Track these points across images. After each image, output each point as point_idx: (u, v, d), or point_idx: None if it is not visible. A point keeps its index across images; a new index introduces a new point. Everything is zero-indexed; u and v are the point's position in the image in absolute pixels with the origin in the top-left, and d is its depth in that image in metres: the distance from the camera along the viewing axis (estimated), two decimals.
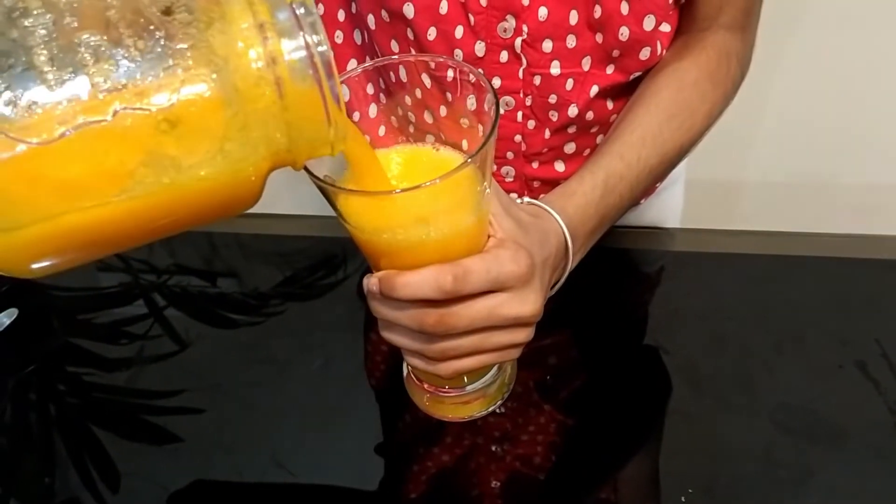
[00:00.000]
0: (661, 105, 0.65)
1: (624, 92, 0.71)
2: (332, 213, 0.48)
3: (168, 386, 0.70)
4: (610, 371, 0.68)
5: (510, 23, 0.65)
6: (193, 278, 0.82)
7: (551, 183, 0.62)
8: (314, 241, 0.85)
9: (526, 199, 0.58)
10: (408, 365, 0.62)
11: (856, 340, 0.68)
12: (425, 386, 0.61)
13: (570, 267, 0.59)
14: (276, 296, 0.79)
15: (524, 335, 0.52)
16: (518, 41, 0.66)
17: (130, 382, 0.71)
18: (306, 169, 0.42)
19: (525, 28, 0.65)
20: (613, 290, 0.76)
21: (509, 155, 0.74)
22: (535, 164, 0.75)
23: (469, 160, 0.43)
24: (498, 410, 0.64)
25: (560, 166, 0.76)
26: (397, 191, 0.44)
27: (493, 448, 0.62)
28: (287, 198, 1.03)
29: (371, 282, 0.49)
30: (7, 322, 0.72)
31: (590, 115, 0.71)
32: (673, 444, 0.62)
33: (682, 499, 0.58)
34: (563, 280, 0.59)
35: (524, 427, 0.63)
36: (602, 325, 0.72)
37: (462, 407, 0.61)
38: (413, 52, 0.68)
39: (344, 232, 0.49)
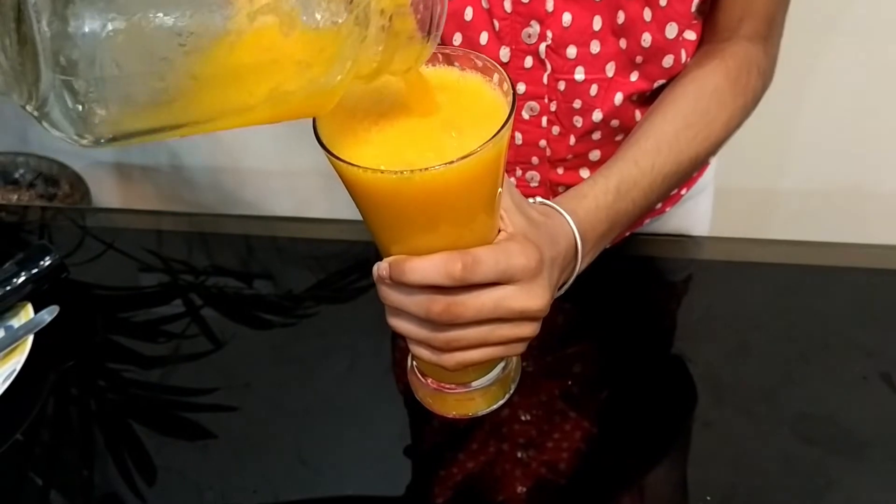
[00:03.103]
0: (679, 113, 0.64)
1: (649, 100, 0.70)
2: None
3: (202, 384, 0.72)
4: (633, 378, 0.68)
5: (534, 29, 0.65)
6: (230, 279, 0.83)
7: None
8: (347, 246, 0.86)
9: (538, 199, 0.57)
10: (412, 359, 0.62)
11: (883, 352, 0.67)
12: (429, 382, 0.61)
13: (578, 269, 0.58)
14: (309, 298, 0.80)
15: (530, 330, 0.52)
16: (542, 47, 0.66)
17: (167, 380, 0.73)
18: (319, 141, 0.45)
19: (549, 34, 0.65)
20: (638, 297, 0.76)
21: (534, 160, 0.74)
22: (560, 171, 0.75)
23: (484, 145, 0.43)
24: (521, 413, 0.64)
25: (585, 173, 0.76)
26: (407, 171, 0.43)
27: (518, 454, 0.63)
28: (322, 202, 1.06)
29: (381, 266, 0.50)
30: (48, 319, 0.73)
31: (615, 123, 0.71)
32: (694, 452, 0.62)
33: None
34: (570, 282, 0.58)
35: (549, 433, 0.64)
36: (626, 332, 0.72)
37: (465, 404, 0.60)
38: None
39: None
